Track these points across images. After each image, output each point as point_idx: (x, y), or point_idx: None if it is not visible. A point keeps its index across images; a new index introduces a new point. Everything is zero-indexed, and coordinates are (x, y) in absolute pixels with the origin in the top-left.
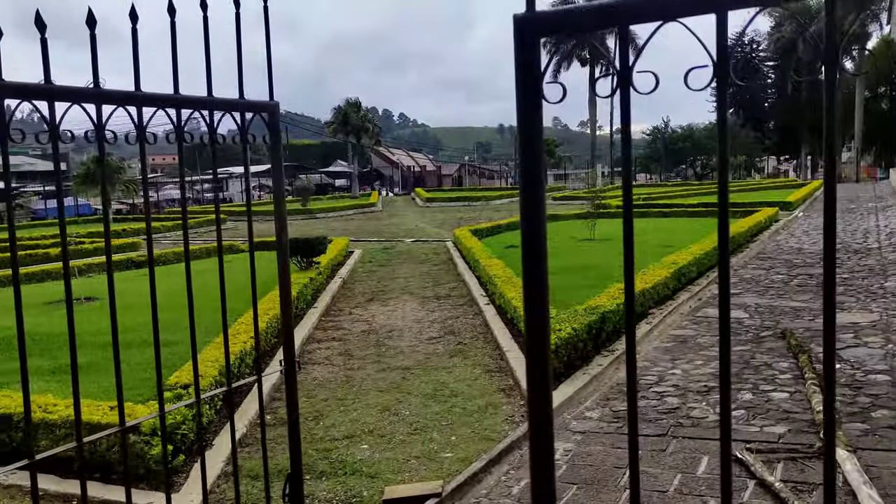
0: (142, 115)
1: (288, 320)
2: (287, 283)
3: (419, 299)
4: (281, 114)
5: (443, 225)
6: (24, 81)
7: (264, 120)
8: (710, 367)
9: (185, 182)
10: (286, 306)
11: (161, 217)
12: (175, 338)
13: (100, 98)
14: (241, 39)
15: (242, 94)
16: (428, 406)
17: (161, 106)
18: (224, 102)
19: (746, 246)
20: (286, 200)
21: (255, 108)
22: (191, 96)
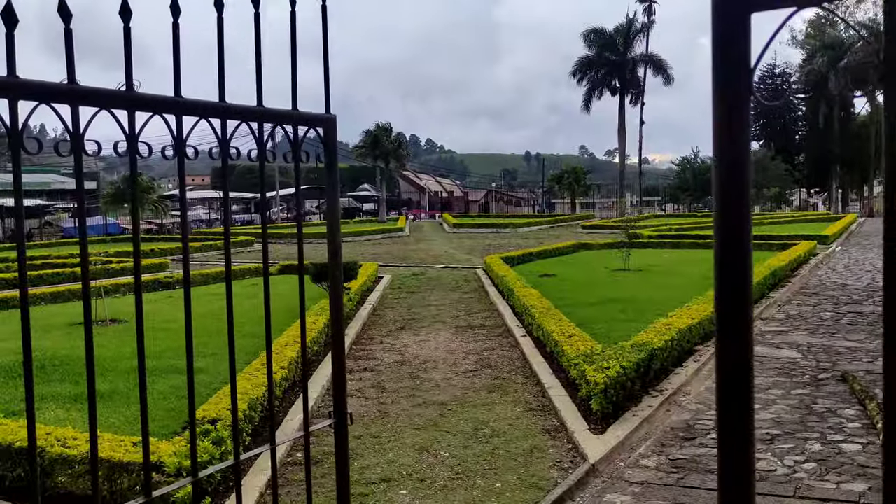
0: (181, 125)
1: (341, 364)
2: (339, 319)
3: (452, 328)
4: (309, 136)
5: (472, 251)
6: (43, 80)
7: (319, 135)
8: (769, 411)
9: (213, 200)
10: (338, 349)
11: (189, 238)
12: (200, 364)
13: (132, 103)
14: (297, 41)
15: (296, 105)
16: (469, 447)
17: (203, 115)
18: (275, 114)
19: (788, 280)
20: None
21: (310, 122)
22: (238, 105)
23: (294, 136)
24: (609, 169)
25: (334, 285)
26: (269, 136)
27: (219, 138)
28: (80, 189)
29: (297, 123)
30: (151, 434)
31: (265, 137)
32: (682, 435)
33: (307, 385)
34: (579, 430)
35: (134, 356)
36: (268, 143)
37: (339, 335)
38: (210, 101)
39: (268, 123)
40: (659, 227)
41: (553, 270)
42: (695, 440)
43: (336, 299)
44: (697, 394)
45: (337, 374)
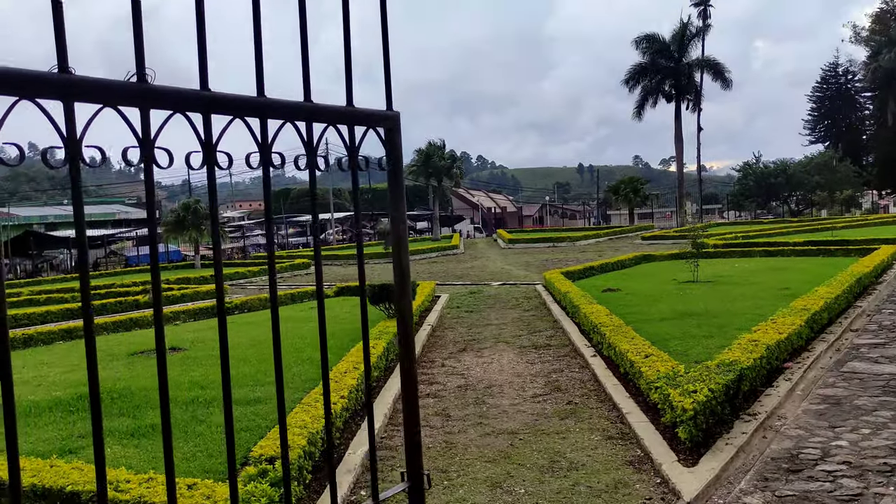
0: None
1: (413, 413)
2: (411, 355)
3: (515, 349)
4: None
5: (529, 267)
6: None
7: (380, 136)
8: (881, 437)
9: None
10: (411, 394)
11: (247, 262)
12: (259, 394)
13: (145, 97)
14: (350, 26)
15: (351, 100)
16: (545, 482)
17: (239, 114)
18: (327, 111)
19: (873, 287)
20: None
21: (369, 121)
22: (281, 101)
23: (350, 138)
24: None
25: (401, 316)
26: (321, 138)
27: (257, 141)
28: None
29: (354, 123)
30: (208, 472)
31: (316, 141)
32: (785, 466)
33: (374, 446)
34: (667, 462)
35: (192, 387)
36: (318, 149)
37: (411, 375)
38: (248, 96)
39: (318, 123)
40: (724, 236)
41: (616, 284)
42: (801, 472)
43: (406, 335)
44: (795, 417)
45: (409, 428)
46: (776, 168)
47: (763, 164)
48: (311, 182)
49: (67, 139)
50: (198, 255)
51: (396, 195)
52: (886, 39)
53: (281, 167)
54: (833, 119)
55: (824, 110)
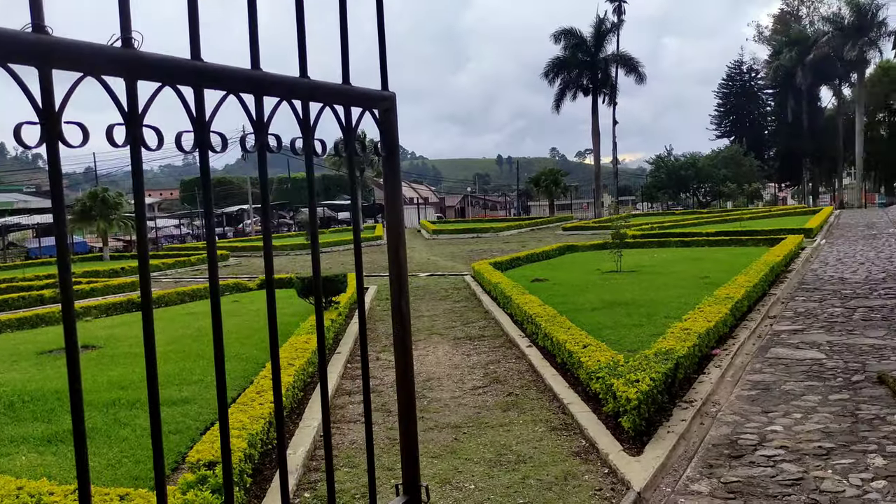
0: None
1: (412, 427)
2: (409, 361)
3: (450, 341)
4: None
5: (455, 258)
6: None
7: (375, 118)
8: (813, 421)
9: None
10: (409, 400)
11: (160, 254)
12: (186, 394)
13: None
14: None
15: (348, 79)
16: (495, 476)
17: (233, 88)
18: (326, 89)
19: (785, 276)
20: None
21: (365, 101)
22: (276, 76)
23: (346, 120)
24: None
25: (399, 320)
26: (317, 119)
27: (253, 121)
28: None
29: (351, 103)
30: (136, 478)
31: (313, 120)
32: (726, 452)
33: (372, 455)
34: (613, 452)
35: (112, 388)
36: (315, 131)
37: (409, 380)
38: (241, 68)
39: (315, 103)
40: (641, 227)
41: (544, 274)
42: (743, 458)
43: (402, 339)
44: (729, 403)
45: (406, 437)
46: (686, 161)
47: (674, 158)
48: (308, 167)
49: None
50: (107, 248)
51: (393, 183)
52: (787, 39)
53: (277, 150)
54: (738, 115)
55: (730, 106)
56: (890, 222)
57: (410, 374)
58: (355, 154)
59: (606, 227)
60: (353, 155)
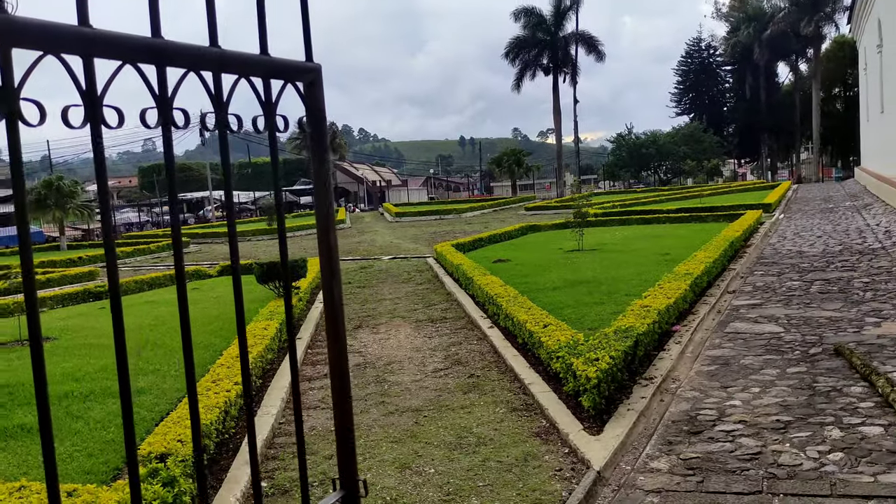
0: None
1: (347, 419)
2: (341, 345)
3: (412, 323)
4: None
5: (418, 240)
6: None
7: (299, 92)
8: (770, 395)
9: (141, 202)
10: (343, 390)
11: (118, 242)
12: (142, 384)
13: None
14: None
15: (266, 48)
16: (455, 459)
17: (128, 58)
18: (240, 60)
19: (743, 251)
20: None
21: (286, 72)
22: (181, 45)
23: (266, 94)
24: (543, 150)
25: (331, 309)
26: (231, 92)
27: (155, 95)
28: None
29: (270, 76)
30: (89, 473)
31: (226, 95)
32: (686, 429)
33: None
34: (574, 432)
35: (65, 380)
36: (229, 105)
37: (342, 370)
38: (137, 35)
39: (227, 74)
40: (603, 205)
41: (506, 255)
42: (702, 434)
43: (335, 328)
44: (689, 379)
45: (342, 429)
46: (647, 139)
47: (635, 136)
48: (223, 144)
49: None
50: (63, 236)
51: (320, 160)
52: (744, 16)
53: (184, 127)
54: (697, 92)
55: (689, 83)
56: (847, 195)
57: (344, 364)
58: (277, 131)
59: (569, 207)
60: (275, 132)
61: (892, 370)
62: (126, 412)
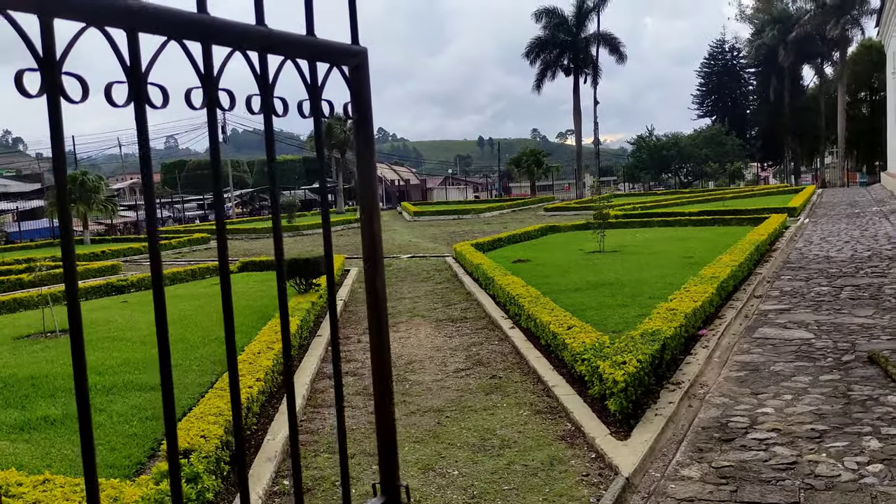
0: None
1: (388, 420)
2: (385, 341)
3: (432, 323)
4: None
5: (436, 239)
6: None
7: (345, 76)
8: (804, 403)
9: (158, 204)
10: (384, 389)
11: (141, 237)
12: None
13: None
14: None
15: (312, 29)
16: (478, 462)
17: (173, 34)
18: (286, 40)
19: (769, 255)
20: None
21: (332, 55)
22: (229, 21)
23: (312, 76)
24: (562, 151)
25: (374, 302)
26: (277, 74)
27: (200, 73)
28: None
29: (316, 58)
30: (112, 467)
31: (272, 76)
32: (717, 436)
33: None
34: (600, 436)
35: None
36: (275, 88)
37: (385, 371)
38: (183, 10)
39: (273, 55)
40: (623, 207)
41: (526, 255)
42: (734, 442)
43: (378, 324)
44: (717, 385)
45: (384, 431)
46: (668, 141)
47: (655, 138)
48: (268, 129)
49: None
50: (87, 231)
51: (365, 150)
52: (769, 18)
53: (230, 109)
54: (720, 94)
55: (711, 86)
56: (873, 200)
57: (387, 365)
58: (322, 116)
59: (588, 208)
60: (320, 118)
61: None
62: (168, 412)
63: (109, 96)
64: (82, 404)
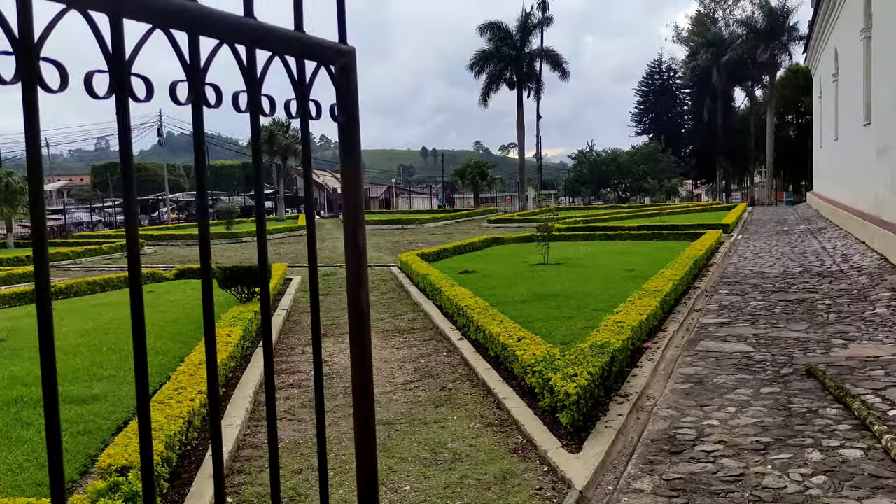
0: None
1: (369, 442)
2: (367, 358)
3: (379, 334)
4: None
5: (380, 249)
6: None
7: (332, 76)
8: (747, 415)
9: (92, 201)
10: (365, 416)
11: (69, 242)
12: (97, 390)
13: None
14: None
15: (301, 24)
16: (431, 476)
17: (162, 23)
18: (275, 35)
19: (707, 270)
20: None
21: (320, 53)
22: (213, 10)
23: (300, 74)
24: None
25: (358, 318)
26: (265, 70)
27: (185, 65)
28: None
29: (304, 56)
30: (40, 485)
31: (260, 72)
32: (666, 448)
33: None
34: (552, 449)
35: (14, 384)
36: (262, 84)
37: (368, 392)
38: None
39: (261, 50)
40: (566, 220)
41: (472, 266)
42: (682, 454)
43: (361, 341)
44: (664, 397)
45: (364, 454)
46: (608, 157)
47: (596, 153)
48: (254, 127)
49: None
50: (10, 234)
51: (351, 154)
52: (703, 41)
53: (216, 106)
54: (657, 112)
55: (649, 104)
56: (800, 219)
57: (369, 381)
58: (310, 117)
59: (531, 220)
60: (308, 118)
61: (864, 392)
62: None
63: (90, 86)
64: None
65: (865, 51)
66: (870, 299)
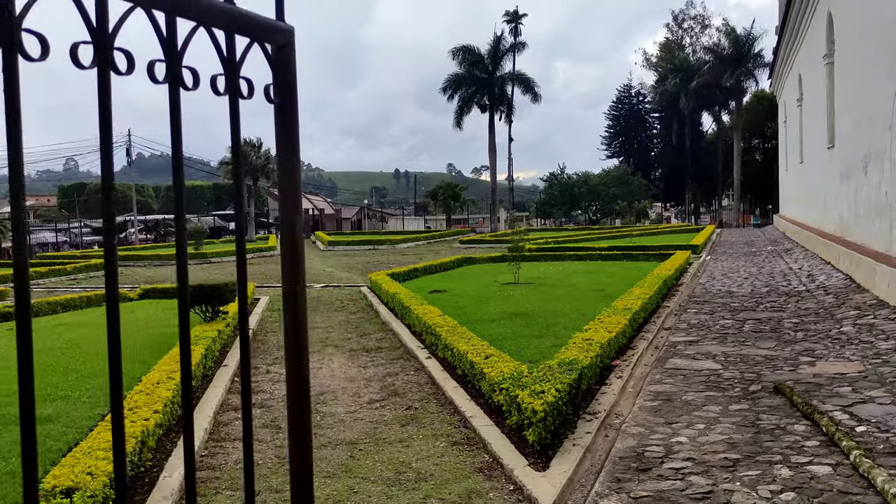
0: None
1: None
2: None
3: (346, 353)
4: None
5: (351, 269)
6: None
7: (267, 55)
8: (716, 432)
9: (63, 228)
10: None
11: (33, 262)
12: (50, 411)
13: None
14: None
15: None
16: (393, 496)
17: None
18: (200, 4)
19: (676, 289)
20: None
21: (254, 30)
22: None
23: (229, 50)
24: (476, 186)
25: (294, 330)
26: (187, 41)
27: (91, 29)
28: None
29: (235, 30)
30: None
31: (181, 44)
32: (634, 465)
33: None
34: (519, 467)
35: None
36: (183, 57)
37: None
38: None
39: (184, 19)
40: (537, 241)
41: (442, 286)
42: (651, 471)
43: (298, 360)
44: (633, 415)
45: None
46: (579, 179)
47: (567, 175)
48: (173, 104)
49: None
50: None
51: (289, 143)
52: (672, 66)
53: (127, 73)
54: (627, 136)
55: (619, 128)
56: (767, 240)
57: (306, 400)
58: (240, 96)
59: (503, 241)
60: (237, 97)
61: (832, 409)
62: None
63: (75, 56)
64: None
65: (828, 76)
66: (836, 318)
